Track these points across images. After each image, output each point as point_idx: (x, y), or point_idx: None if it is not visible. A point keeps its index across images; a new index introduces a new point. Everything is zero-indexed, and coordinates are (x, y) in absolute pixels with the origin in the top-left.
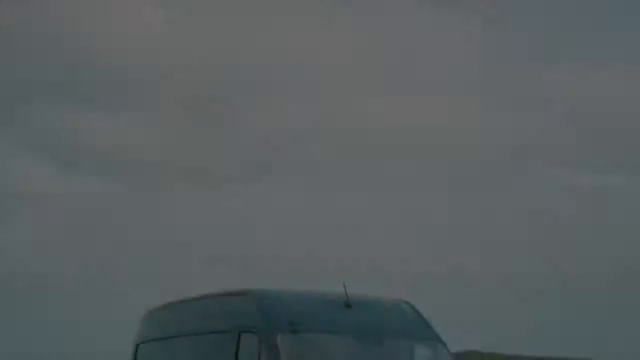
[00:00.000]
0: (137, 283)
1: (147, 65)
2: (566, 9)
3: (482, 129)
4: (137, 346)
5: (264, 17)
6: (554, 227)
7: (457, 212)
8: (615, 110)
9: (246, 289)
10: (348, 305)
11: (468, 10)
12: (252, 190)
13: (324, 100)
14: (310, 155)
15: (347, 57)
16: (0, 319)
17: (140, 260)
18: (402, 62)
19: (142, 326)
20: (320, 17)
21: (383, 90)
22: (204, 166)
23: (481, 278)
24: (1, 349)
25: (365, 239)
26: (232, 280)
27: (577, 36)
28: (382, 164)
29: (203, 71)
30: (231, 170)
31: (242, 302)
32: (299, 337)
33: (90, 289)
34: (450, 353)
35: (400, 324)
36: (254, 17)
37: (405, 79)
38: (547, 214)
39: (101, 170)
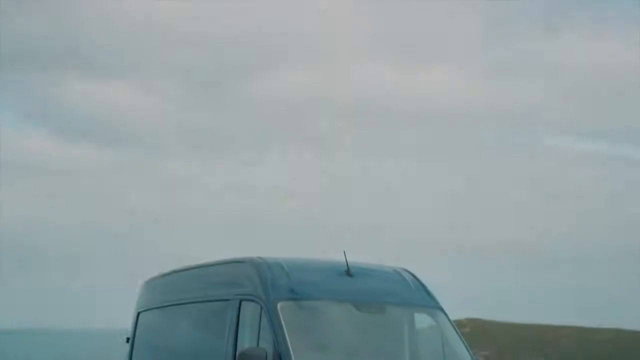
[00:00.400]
0: (137, 251)
1: (146, 33)
2: None
3: (482, 98)
4: (138, 314)
5: None
6: (554, 195)
7: (458, 180)
8: (617, 80)
9: (247, 257)
10: (348, 273)
11: None
12: (254, 158)
13: (325, 69)
14: (311, 124)
15: (348, 26)
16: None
17: (140, 228)
18: (403, 30)
19: (142, 294)
20: None
21: (385, 59)
22: (204, 134)
23: (482, 246)
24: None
25: (365, 207)
26: (232, 248)
27: (579, 4)
28: (383, 133)
29: (204, 40)
30: (232, 139)
31: (243, 270)
32: (299, 304)
33: (89, 257)
34: (451, 320)
35: (401, 291)
36: None
37: (407, 47)
38: (548, 182)
39: (99, 138)
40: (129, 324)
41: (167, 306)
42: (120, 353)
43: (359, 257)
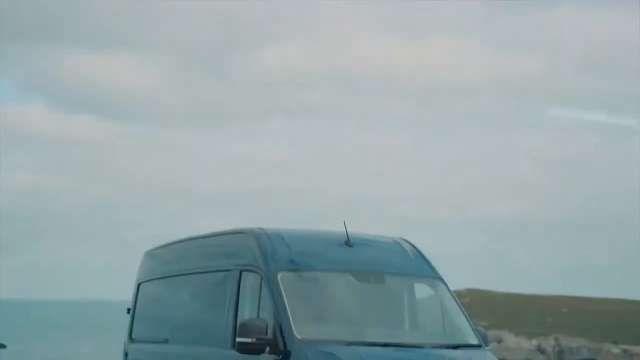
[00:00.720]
0: (138, 222)
1: (147, 4)
2: None
3: (483, 70)
4: (138, 285)
5: None
6: (554, 165)
7: (458, 151)
8: (618, 52)
9: (247, 228)
10: (348, 243)
11: None
12: (254, 130)
13: (326, 41)
14: (313, 96)
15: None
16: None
17: (141, 199)
18: (406, 1)
19: (143, 265)
20: None
21: (387, 30)
22: (206, 107)
23: (482, 217)
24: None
25: (366, 178)
26: (233, 219)
27: None
28: (383, 104)
29: (205, 11)
30: (232, 111)
31: (244, 241)
32: (300, 275)
33: (89, 228)
34: (451, 290)
35: (401, 261)
36: None
37: (409, 18)
38: (548, 153)
39: (100, 110)
40: (130, 295)
41: (167, 277)
42: (121, 323)
43: (358, 228)
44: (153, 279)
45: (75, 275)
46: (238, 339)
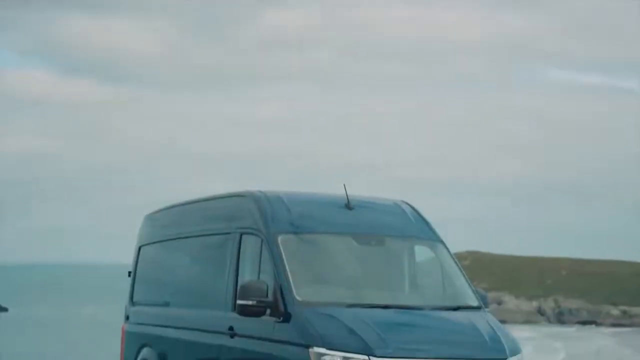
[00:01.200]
0: (138, 185)
1: None
2: None
3: (482, 31)
4: (139, 248)
5: None
6: (554, 128)
7: (458, 114)
8: (618, 15)
9: (247, 191)
10: (348, 206)
11: None
12: (254, 94)
13: (324, 5)
14: (312, 59)
15: None
16: (2, 224)
17: (141, 162)
18: None
19: (143, 229)
20: None
21: None
22: (205, 70)
23: (482, 180)
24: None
25: (366, 142)
26: (233, 182)
27: None
28: (382, 67)
29: None
30: (232, 75)
31: (244, 203)
32: (300, 237)
33: (91, 193)
34: (451, 253)
35: (401, 224)
36: None
37: None
38: (548, 115)
39: (100, 74)
40: (131, 258)
41: (168, 240)
42: (122, 286)
43: (358, 191)
44: (153, 243)
45: (76, 238)
46: (238, 302)
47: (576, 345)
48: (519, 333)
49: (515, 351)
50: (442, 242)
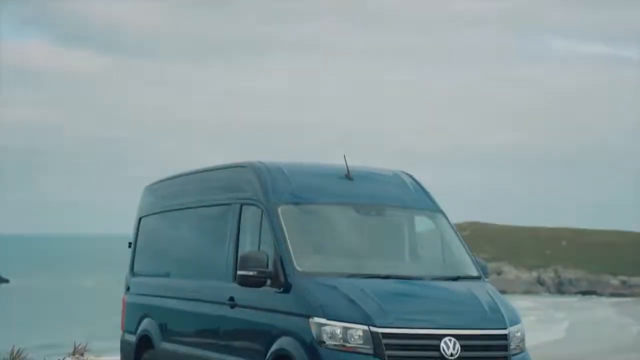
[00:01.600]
0: (138, 156)
1: None
2: None
3: (485, 0)
4: (139, 219)
5: None
6: (555, 98)
7: (459, 84)
8: None
9: (247, 162)
10: (348, 176)
11: None
12: (254, 64)
13: None
14: (313, 30)
15: None
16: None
17: (141, 133)
18: None
19: (143, 200)
20: None
21: None
22: (205, 41)
23: (482, 150)
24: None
25: (366, 112)
26: (233, 153)
27: None
28: (383, 37)
29: None
30: (232, 46)
31: (244, 174)
32: (300, 208)
33: (91, 163)
34: (451, 223)
35: (401, 194)
36: None
37: None
38: (549, 85)
39: (99, 44)
40: (131, 229)
41: (168, 211)
42: (123, 257)
43: (359, 162)
44: (154, 214)
45: (77, 209)
46: (239, 272)
47: (578, 315)
48: (521, 303)
49: (515, 321)
50: (442, 212)
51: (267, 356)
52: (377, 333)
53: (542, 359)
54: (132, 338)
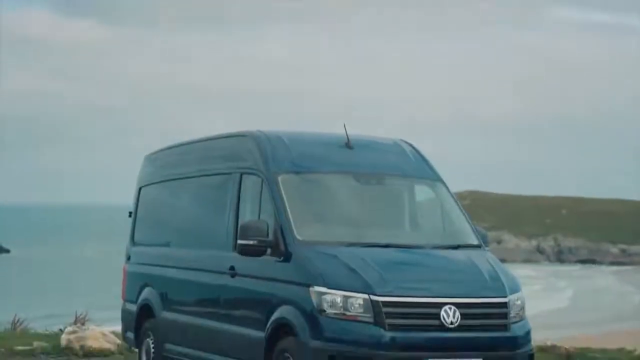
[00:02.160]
0: (140, 126)
1: None
2: None
3: None
4: (140, 189)
5: None
6: (555, 67)
7: (459, 53)
8: None
9: (247, 131)
10: (348, 145)
11: None
12: (254, 33)
13: None
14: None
15: None
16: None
17: (141, 103)
18: None
19: (144, 169)
20: None
21: None
22: (205, 11)
23: (482, 119)
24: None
25: (366, 82)
26: (233, 122)
27: None
28: (384, 7)
29: None
30: (233, 15)
31: (244, 143)
32: (300, 177)
33: (92, 133)
34: (451, 192)
35: (401, 163)
36: None
37: None
38: (549, 54)
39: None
40: (131, 199)
41: (168, 181)
42: (123, 227)
43: (360, 131)
44: (154, 183)
45: (78, 179)
46: (239, 241)
47: (580, 283)
48: (522, 272)
49: (515, 289)
50: (442, 181)
51: (268, 325)
52: (377, 301)
53: (546, 327)
54: (133, 307)
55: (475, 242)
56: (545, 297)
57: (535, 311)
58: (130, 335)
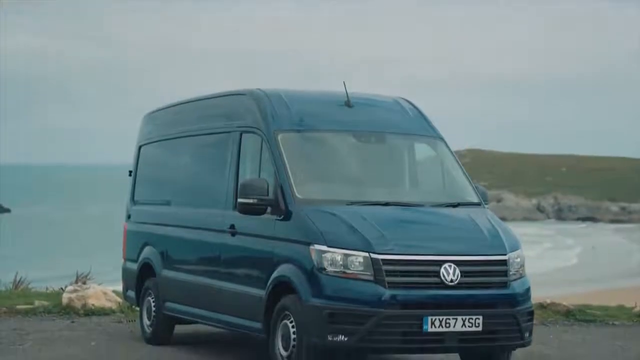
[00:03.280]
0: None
1: None
2: None
3: None
4: (139, 147)
5: None
6: (558, 25)
7: (458, 9)
8: None
9: (246, 89)
10: (348, 103)
11: None
12: None
13: None
14: None
15: None
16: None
17: (140, 62)
18: None
19: (143, 128)
20: None
21: None
22: None
23: (482, 78)
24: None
25: (366, 40)
26: (232, 81)
27: None
28: None
29: None
30: None
31: (243, 102)
32: (300, 135)
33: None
34: (451, 150)
35: (401, 121)
36: None
37: None
38: (551, 11)
39: None
40: (131, 158)
41: (168, 139)
42: (123, 186)
43: (359, 89)
44: (153, 142)
45: (77, 139)
46: (239, 200)
47: (587, 241)
48: (532, 230)
49: (515, 247)
50: (442, 139)
51: (268, 283)
52: (377, 259)
53: (558, 283)
54: (134, 266)
55: (476, 200)
56: (554, 255)
57: (546, 269)
58: (131, 293)
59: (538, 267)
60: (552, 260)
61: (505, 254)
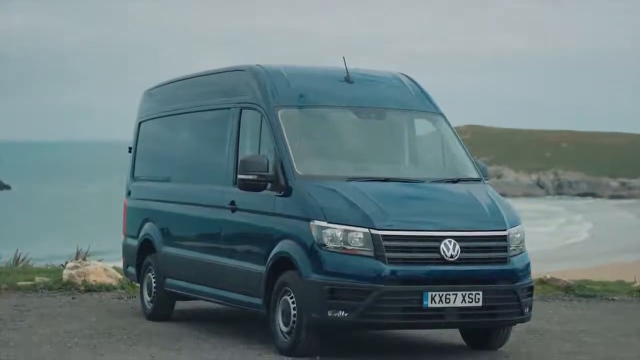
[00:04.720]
0: (140, 62)
1: None
2: None
3: None
4: (139, 124)
5: None
6: (557, 2)
7: None
8: None
9: (246, 65)
10: (348, 79)
11: None
12: None
13: None
14: None
15: None
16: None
17: (140, 38)
18: None
19: (143, 104)
20: None
21: None
22: None
23: (482, 54)
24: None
25: (365, 17)
26: (232, 57)
27: None
28: None
29: None
30: None
31: (243, 78)
32: (300, 111)
33: (92, 70)
34: (451, 126)
35: (401, 97)
36: None
37: None
38: None
39: None
40: (131, 135)
41: (168, 116)
42: (123, 163)
43: (360, 65)
44: (153, 118)
45: (77, 115)
46: (239, 176)
47: (595, 217)
48: (540, 207)
49: (515, 222)
50: (442, 115)
51: (268, 259)
52: (377, 235)
53: (569, 259)
54: (134, 242)
55: (476, 176)
56: (569, 231)
57: (559, 244)
58: (132, 270)
59: (555, 242)
60: (565, 236)
61: (505, 230)
